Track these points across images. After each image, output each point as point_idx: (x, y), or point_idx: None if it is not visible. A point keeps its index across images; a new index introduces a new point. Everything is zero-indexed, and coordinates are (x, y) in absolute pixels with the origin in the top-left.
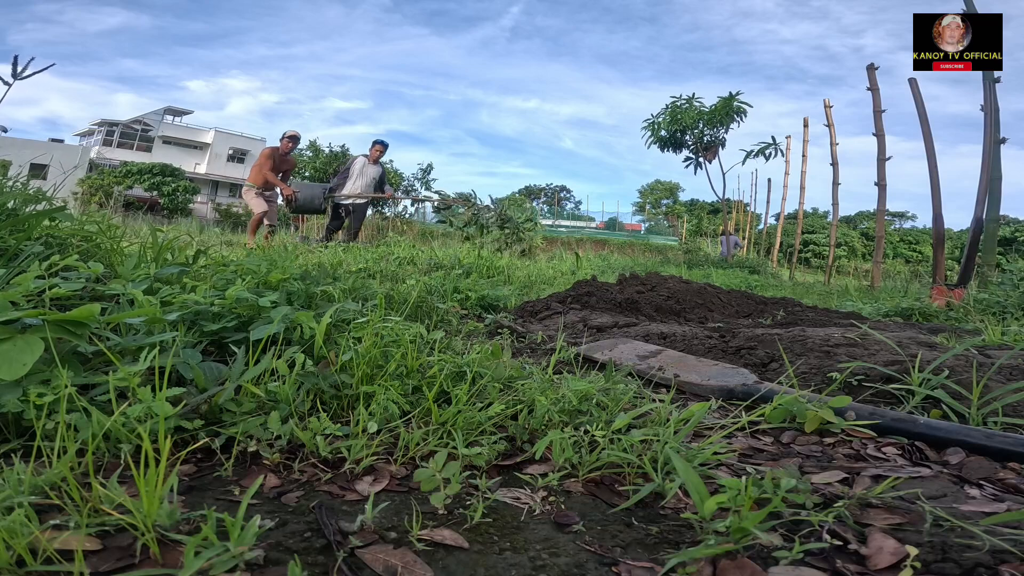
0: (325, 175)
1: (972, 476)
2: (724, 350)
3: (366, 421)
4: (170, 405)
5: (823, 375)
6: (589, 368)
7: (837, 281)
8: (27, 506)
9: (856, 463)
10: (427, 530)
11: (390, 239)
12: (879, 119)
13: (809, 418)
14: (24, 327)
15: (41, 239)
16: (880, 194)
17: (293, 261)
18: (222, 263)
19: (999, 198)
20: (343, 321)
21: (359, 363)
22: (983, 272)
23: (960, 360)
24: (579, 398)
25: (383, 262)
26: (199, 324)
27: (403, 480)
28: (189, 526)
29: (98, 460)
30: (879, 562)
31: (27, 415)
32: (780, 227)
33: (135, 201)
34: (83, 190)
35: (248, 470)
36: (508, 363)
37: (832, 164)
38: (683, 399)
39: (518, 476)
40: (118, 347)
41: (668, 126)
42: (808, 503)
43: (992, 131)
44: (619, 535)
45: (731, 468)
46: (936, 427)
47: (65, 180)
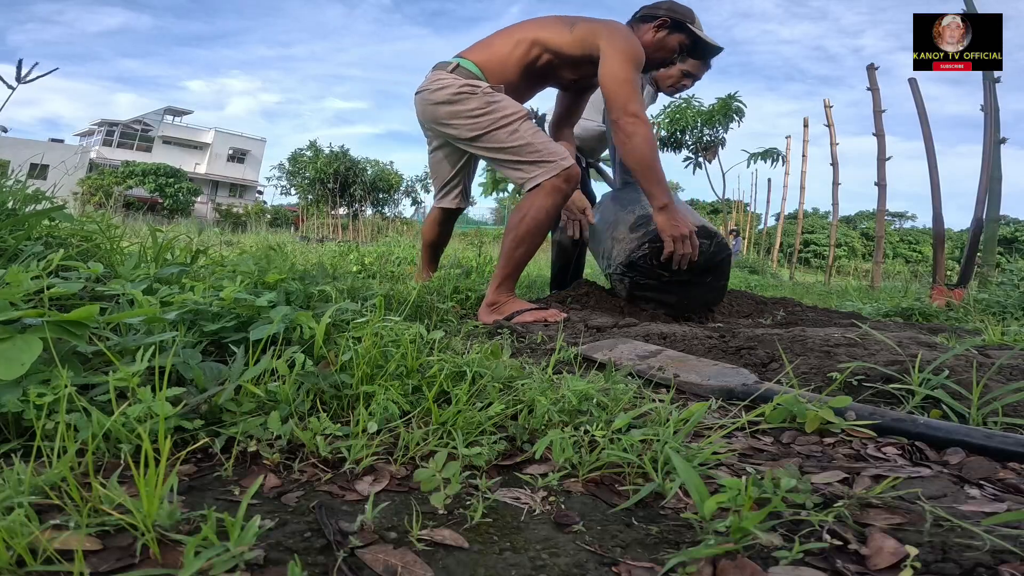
0: (326, 175)
1: (972, 476)
2: (724, 350)
3: (366, 421)
4: (170, 405)
5: (823, 375)
6: (589, 368)
7: (837, 281)
8: (27, 506)
9: (856, 463)
10: (427, 530)
11: (390, 239)
12: (879, 119)
13: (809, 418)
14: (23, 327)
15: (41, 239)
16: (880, 194)
17: (292, 260)
18: (221, 263)
19: (999, 198)
20: (343, 321)
21: (359, 363)
22: (983, 272)
23: (960, 360)
24: (579, 398)
25: (383, 262)
26: (199, 324)
27: (403, 480)
28: (189, 526)
29: (98, 460)
30: (879, 562)
31: (27, 415)
32: (780, 227)
33: (135, 201)
34: (83, 190)
35: (248, 470)
36: (508, 363)
37: (832, 164)
38: (683, 399)
39: (518, 476)
40: (118, 347)
41: (667, 127)
42: (808, 503)
43: (992, 131)
44: (619, 535)
45: (731, 468)
46: (936, 427)
47: (65, 180)
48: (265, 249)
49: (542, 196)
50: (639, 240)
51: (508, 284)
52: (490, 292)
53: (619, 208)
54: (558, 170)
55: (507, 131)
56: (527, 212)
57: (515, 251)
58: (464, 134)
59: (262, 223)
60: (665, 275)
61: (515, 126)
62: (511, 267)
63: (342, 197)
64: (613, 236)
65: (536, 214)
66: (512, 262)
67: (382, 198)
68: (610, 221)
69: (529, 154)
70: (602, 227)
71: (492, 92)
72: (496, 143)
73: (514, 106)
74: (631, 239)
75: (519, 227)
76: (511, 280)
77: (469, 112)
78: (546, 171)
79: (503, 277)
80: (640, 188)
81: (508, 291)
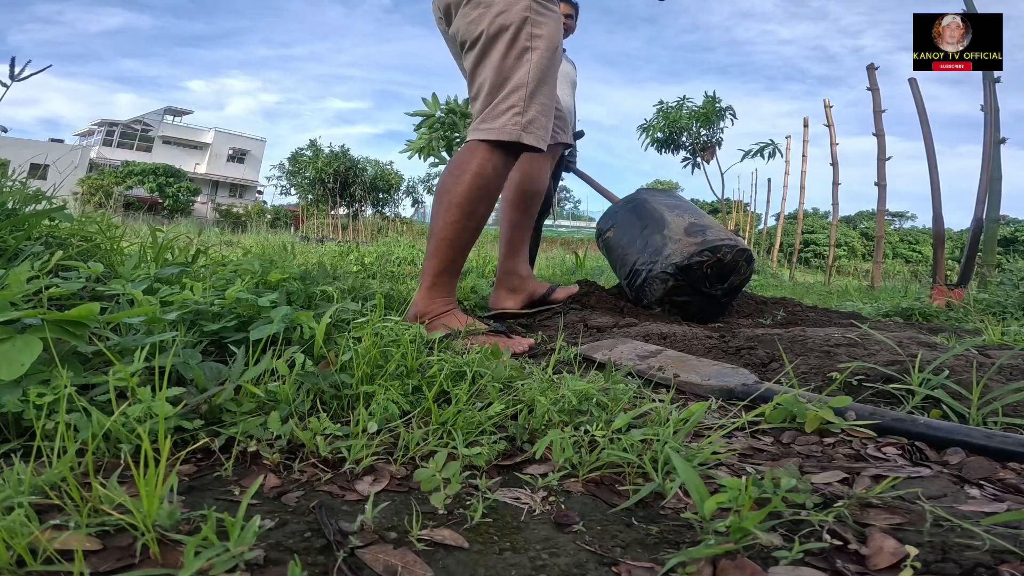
0: (325, 175)
1: (972, 476)
2: (724, 350)
3: (366, 421)
4: (170, 405)
5: (823, 375)
6: (589, 368)
7: (837, 281)
8: (27, 506)
9: (856, 463)
10: (427, 530)
11: (390, 239)
12: (879, 119)
13: (809, 418)
14: (23, 327)
15: (41, 239)
16: (880, 194)
17: (292, 260)
18: (221, 263)
19: (999, 198)
20: (343, 321)
21: (359, 363)
22: (983, 272)
23: (960, 360)
24: (579, 398)
25: (383, 262)
26: (199, 324)
27: (403, 480)
28: (189, 526)
29: (98, 460)
30: (879, 562)
31: (27, 415)
32: (780, 227)
33: (135, 201)
34: (83, 190)
35: (248, 470)
36: (508, 363)
37: (832, 164)
38: (683, 399)
39: (518, 476)
40: (118, 347)
41: (662, 128)
42: (808, 503)
43: (992, 131)
44: (619, 535)
45: (731, 468)
46: (936, 427)
47: (65, 180)
48: (271, 248)
49: (495, 155)
50: (699, 246)
51: (444, 282)
52: (419, 297)
53: (663, 208)
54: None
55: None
56: (468, 168)
57: (454, 227)
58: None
59: (262, 223)
60: (705, 286)
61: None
62: (447, 254)
63: (342, 197)
64: (665, 234)
65: (481, 170)
66: (446, 246)
67: (382, 198)
68: (647, 221)
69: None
70: (633, 228)
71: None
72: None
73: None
74: (689, 242)
75: (456, 189)
76: (448, 276)
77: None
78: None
79: (435, 272)
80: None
81: (444, 294)
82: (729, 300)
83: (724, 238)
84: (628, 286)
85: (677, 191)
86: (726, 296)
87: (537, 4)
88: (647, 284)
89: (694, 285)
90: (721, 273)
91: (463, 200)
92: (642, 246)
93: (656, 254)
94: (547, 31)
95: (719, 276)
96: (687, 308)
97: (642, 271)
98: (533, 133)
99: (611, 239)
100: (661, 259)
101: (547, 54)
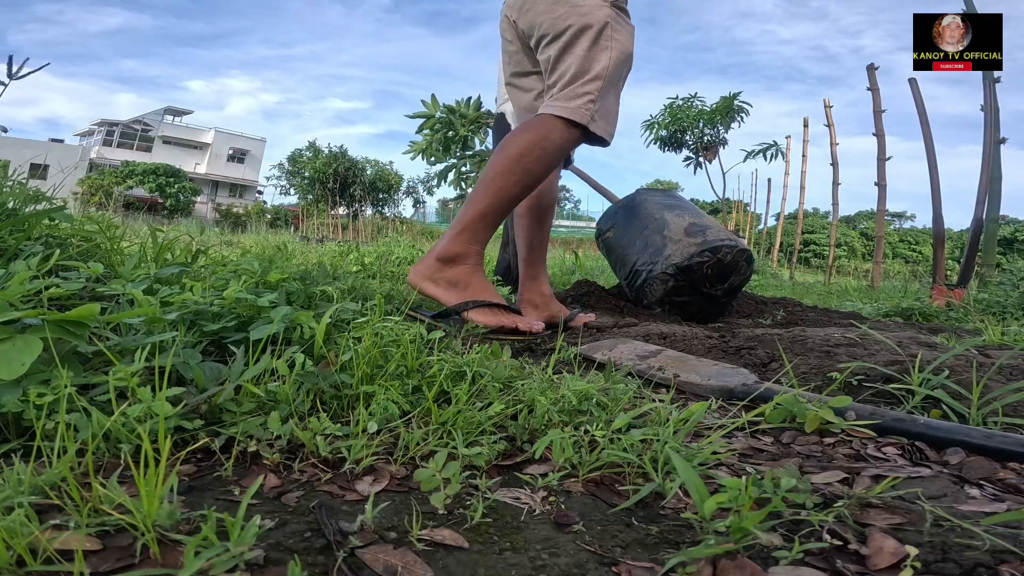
0: (325, 175)
1: (972, 476)
2: (724, 350)
3: (366, 421)
4: (170, 405)
5: (823, 375)
6: (589, 368)
7: (837, 281)
8: (27, 506)
9: (856, 463)
10: (427, 530)
11: (390, 239)
12: (879, 119)
13: (809, 418)
14: (23, 327)
15: (41, 239)
16: (880, 194)
17: (291, 260)
18: (222, 263)
19: (999, 198)
20: (343, 321)
21: (359, 363)
22: (983, 272)
23: (960, 360)
24: (579, 398)
25: (383, 262)
26: (199, 324)
27: (403, 480)
28: (189, 526)
29: (98, 460)
30: (879, 562)
31: (27, 415)
32: (780, 227)
33: (135, 201)
34: (83, 190)
35: (248, 470)
36: (508, 363)
37: (832, 164)
38: (683, 399)
39: (518, 476)
40: (118, 347)
41: (668, 126)
42: (808, 503)
43: (992, 131)
44: (619, 535)
45: (731, 468)
46: (936, 427)
47: (65, 180)
48: (270, 248)
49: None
50: (699, 246)
51: (477, 230)
52: (446, 239)
53: (663, 208)
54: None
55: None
56: (535, 129)
57: (504, 177)
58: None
59: (262, 223)
60: (706, 287)
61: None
62: (489, 201)
63: (342, 197)
64: (665, 235)
65: (548, 134)
66: (491, 193)
67: (382, 198)
68: (647, 221)
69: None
70: (633, 229)
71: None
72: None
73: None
74: (689, 243)
75: (518, 140)
76: (481, 225)
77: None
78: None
79: (470, 217)
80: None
81: (474, 243)
82: (729, 300)
83: (724, 238)
84: (628, 286)
85: (677, 191)
86: (726, 296)
87: (617, 13)
88: (647, 284)
89: (694, 285)
90: (721, 273)
91: (522, 152)
92: (642, 246)
93: (656, 254)
94: (623, 38)
95: (719, 276)
96: (687, 308)
97: (642, 271)
98: (599, 123)
99: (611, 239)
100: (661, 259)
101: (621, 57)
